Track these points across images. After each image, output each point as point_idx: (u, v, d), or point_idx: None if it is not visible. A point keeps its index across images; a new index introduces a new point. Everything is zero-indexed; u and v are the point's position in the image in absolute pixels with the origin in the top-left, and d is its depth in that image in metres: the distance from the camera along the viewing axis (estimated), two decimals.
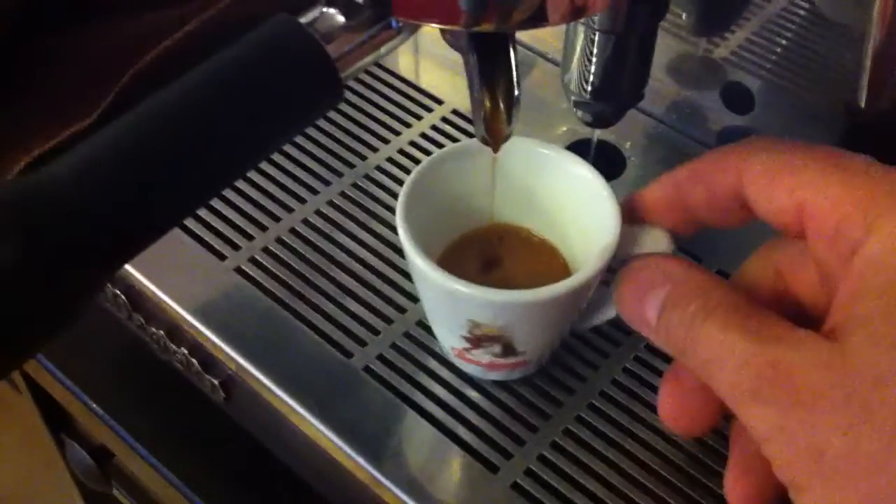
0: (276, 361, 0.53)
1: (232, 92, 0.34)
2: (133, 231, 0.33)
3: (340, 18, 0.36)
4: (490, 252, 0.52)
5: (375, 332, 0.54)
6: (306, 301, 0.55)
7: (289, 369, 0.52)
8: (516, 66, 0.41)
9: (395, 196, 0.58)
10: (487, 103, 0.41)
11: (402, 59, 0.70)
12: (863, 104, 0.54)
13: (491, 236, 0.52)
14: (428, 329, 0.53)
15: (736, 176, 0.35)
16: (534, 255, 0.52)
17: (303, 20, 0.36)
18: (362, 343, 0.53)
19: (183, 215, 0.36)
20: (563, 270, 0.51)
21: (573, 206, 0.49)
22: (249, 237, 0.58)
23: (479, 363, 0.49)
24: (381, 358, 0.53)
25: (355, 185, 0.61)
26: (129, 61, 0.45)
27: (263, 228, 0.59)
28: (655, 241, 0.41)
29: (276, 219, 0.59)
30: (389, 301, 0.55)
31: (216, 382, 0.56)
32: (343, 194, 0.60)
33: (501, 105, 0.41)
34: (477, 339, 0.46)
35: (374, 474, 0.49)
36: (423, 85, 0.67)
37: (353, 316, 0.54)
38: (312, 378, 0.52)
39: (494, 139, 0.43)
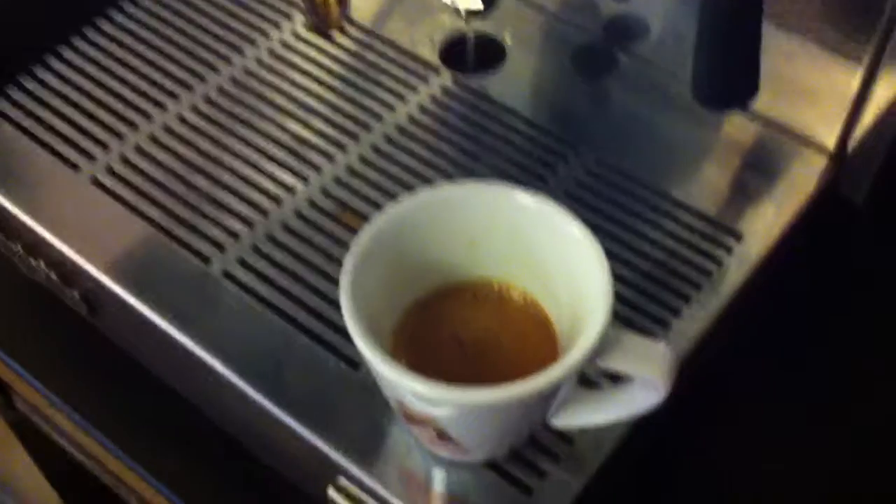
0: (133, 271, 0.51)
1: None
2: None
3: None
4: (466, 314, 0.45)
5: (235, 235, 0.52)
6: (164, 209, 0.53)
7: (147, 279, 0.51)
8: None
9: (263, 101, 0.56)
10: None
11: None
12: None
13: (469, 294, 0.46)
14: (294, 233, 0.52)
15: None
16: (518, 320, 0.45)
17: None
18: (221, 248, 0.52)
19: None
20: (552, 344, 0.44)
21: (563, 269, 0.43)
22: (105, 146, 0.56)
23: (420, 437, 0.44)
24: (241, 262, 0.51)
25: (221, 90, 0.58)
26: None
27: (120, 136, 0.56)
28: (647, 353, 0.38)
29: (133, 126, 0.57)
30: (251, 203, 0.53)
31: (77, 295, 0.54)
32: (207, 98, 0.58)
33: None
34: (409, 417, 0.42)
35: (236, 383, 0.47)
36: None
37: (211, 220, 0.53)
38: (171, 287, 0.50)
39: (324, 23, 0.41)
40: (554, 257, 0.43)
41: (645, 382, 0.40)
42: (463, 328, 0.45)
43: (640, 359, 0.39)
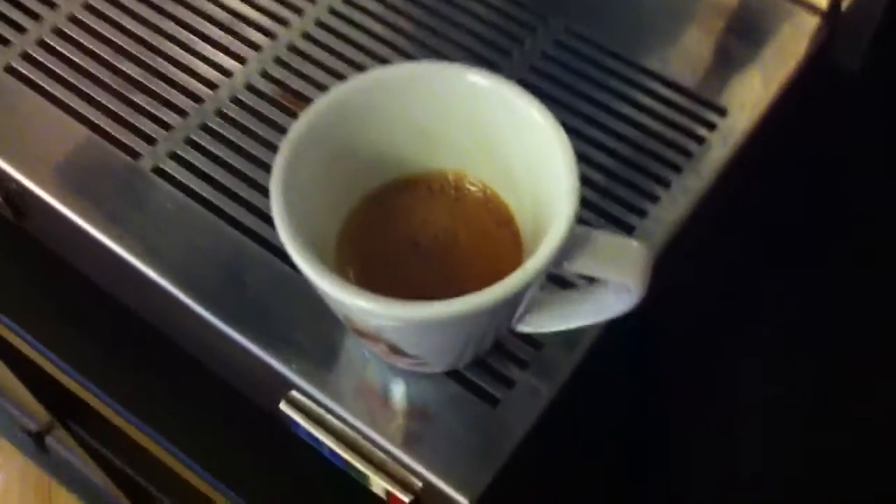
0: (56, 170, 0.46)
1: None
2: None
3: None
4: (420, 210, 0.41)
5: (166, 126, 0.47)
6: (87, 98, 0.48)
7: (71, 178, 0.46)
8: None
9: None
10: None
11: None
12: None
13: (423, 188, 0.41)
14: (231, 122, 0.47)
15: None
16: (477, 217, 0.41)
17: None
18: (152, 141, 0.47)
19: None
20: (515, 241, 0.40)
21: (525, 159, 0.38)
22: (21, 29, 0.50)
23: (374, 350, 0.41)
24: (173, 156, 0.46)
25: None
26: None
27: (38, 18, 0.51)
28: (619, 260, 0.34)
29: (53, 5, 0.51)
30: (183, 90, 0.48)
31: (0, 199, 0.49)
32: None
33: None
34: (358, 332, 0.38)
35: (172, 292, 0.43)
36: None
37: (140, 109, 0.48)
38: (98, 185, 0.46)
39: None
40: (515, 146, 0.38)
41: (618, 285, 0.36)
42: (417, 226, 0.40)
43: (611, 261, 0.35)
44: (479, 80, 0.38)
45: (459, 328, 0.36)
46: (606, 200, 0.45)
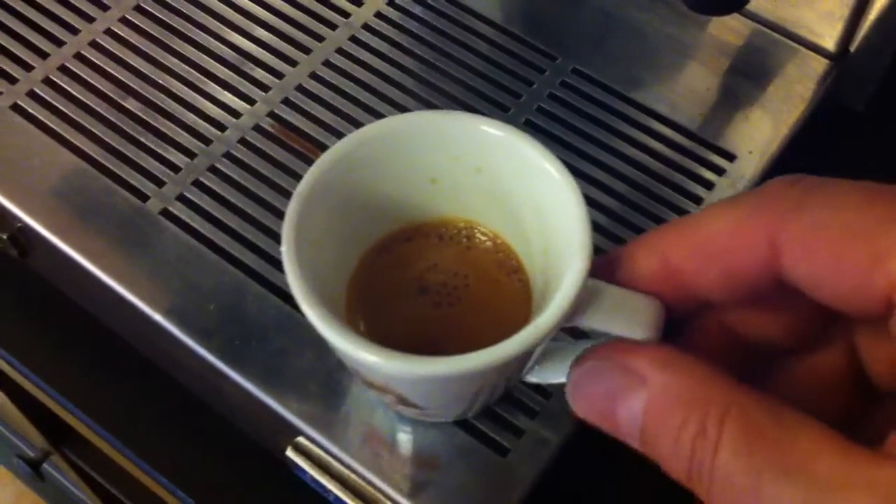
0: (62, 211, 0.46)
1: None
2: None
3: None
4: (429, 257, 0.40)
5: (174, 168, 0.47)
6: (95, 139, 0.48)
7: (77, 219, 0.46)
8: None
9: (202, 10, 0.51)
10: None
11: None
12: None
13: (433, 236, 0.40)
14: (239, 164, 0.47)
15: (768, 248, 0.25)
16: (487, 266, 0.40)
17: None
18: (160, 183, 0.46)
19: None
20: (525, 293, 0.39)
21: (535, 211, 0.37)
22: (28, 67, 0.50)
23: (382, 400, 0.40)
24: (181, 199, 0.46)
25: None
26: None
27: (44, 56, 0.50)
28: (632, 315, 0.32)
29: (59, 42, 0.51)
30: (191, 130, 0.48)
31: (5, 237, 0.49)
32: (138, 7, 0.52)
33: None
34: (367, 383, 0.37)
35: (179, 336, 0.43)
36: None
37: (147, 150, 0.47)
38: (105, 227, 0.45)
39: None
40: (526, 197, 0.38)
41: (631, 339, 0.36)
42: (426, 273, 0.40)
43: (624, 317, 0.34)
44: (491, 131, 0.37)
45: (469, 383, 0.35)
46: (614, 244, 0.45)
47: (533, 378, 0.38)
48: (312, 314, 0.33)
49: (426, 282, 0.40)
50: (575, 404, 0.29)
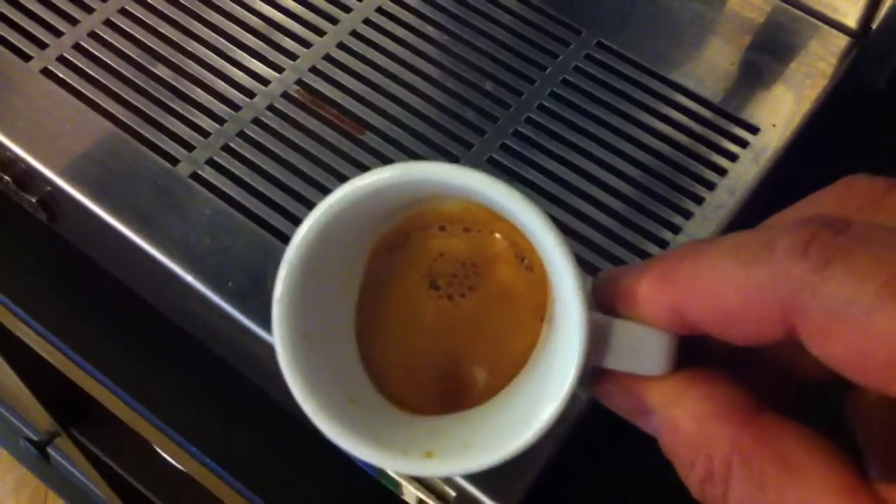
0: (93, 174, 0.46)
1: None
2: None
3: None
4: (440, 248, 0.36)
5: (204, 133, 0.47)
6: (125, 104, 0.48)
7: (109, 182, 0.46)
8: None
9: None
10: None
11: None
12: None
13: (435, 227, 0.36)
14: (268, 129, 0.47)
15: (783, 330, 0.23)
16: (497, 253, 0.35)
17: None
18: (189, 147, 0.47)
19: None
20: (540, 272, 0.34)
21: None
22: (58, 33, 0.51)
23: None
24: (210, 163, 0.46)
25: None
26: None
27: (74, 21, 0.51)
28: (646, 352, 0.28)
29: (89, 9, 0.51)
30: (221, 97, 0.48)
31: (34, 201, 0.49)
32: None
33: None
34: None
35: (202, 291, 0.43)
36: None
37: (177, 115, 0.48)
38: (135, 191, 0.46)
39: None
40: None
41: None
42: (434, 265, 0.37)
43: (638, 356, 0.29)
44: (483, 190, 0.30)
45: None
46: (640, 216, 0.45)
47: None
48: (319, 422, 0.30)
49: (434, 273, 0.37)
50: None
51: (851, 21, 0.51)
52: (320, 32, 0.50)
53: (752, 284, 0.23)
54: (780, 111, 0.49)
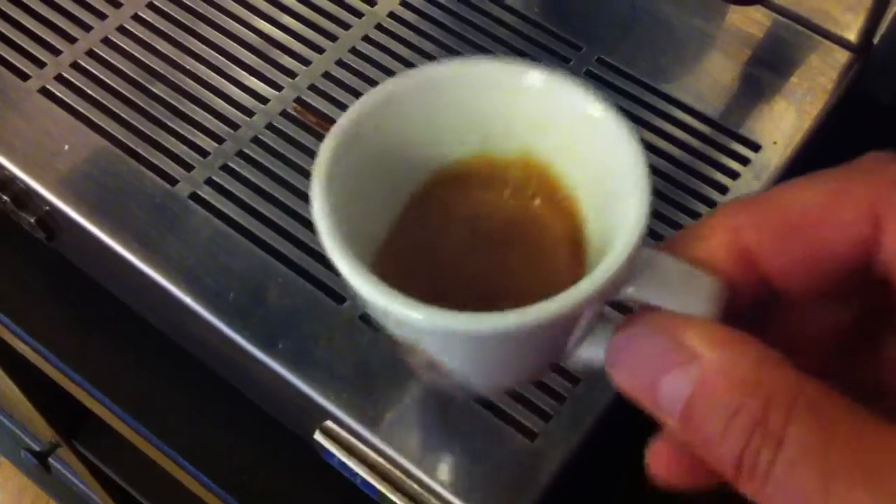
0: (92, 194, 0.46)
1: None
2: None
3: None
4: (481, 201, 0.35)
5: (202, 152, 0.47)
6: (124, 123, 0.48)
7: (106, 203, 0.46)
8: None
9: None
10: None
11: None
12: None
13: (478, 180, 0.35)
14: (267, 149, 0.47)
15: (868, 224, 0.22)
16: (541, 214, 0.35)
17: None
18: (188, 167, 0.47)
19: None
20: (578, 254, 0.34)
21: (590, 162, 0.33)
22: (56, 51, 0.50)
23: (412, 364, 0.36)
24: (210, 182, 0.46)
25: None
26: None
27: (72, 40, 0.51)
28: (690, 291, 0.27)
29: (87, 27, 0.51)
30: (219, 115, 0.48)
31: (32, 220, 0.49)
32: None
33: None
34: (398, 342, 0.33)
35: (200, 312, 0.43)
36: None
37: (176, 135, 0.47)
38: (133, 211, 0.46)
39: None
40: (578, 149, 0.34)
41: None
42: (474, 214, 0.34)
43: (682, 291, 0.28)
44: (539, 80, 0.32)
45: (501, 348, 0.33)
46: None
47: (577, 357, 0.35)
48: (339, 257, 0.29)
49: (475, 220, 0.36)
50: (613, 370, 0.25)
51: (852, 35, 0.50)
52: (319, 50, 0.50)
53: (837, 184, 0.23)
54: (782, 127, 0.48)
